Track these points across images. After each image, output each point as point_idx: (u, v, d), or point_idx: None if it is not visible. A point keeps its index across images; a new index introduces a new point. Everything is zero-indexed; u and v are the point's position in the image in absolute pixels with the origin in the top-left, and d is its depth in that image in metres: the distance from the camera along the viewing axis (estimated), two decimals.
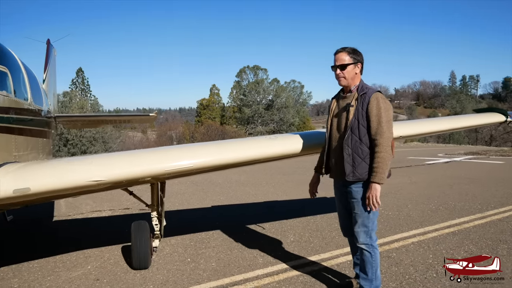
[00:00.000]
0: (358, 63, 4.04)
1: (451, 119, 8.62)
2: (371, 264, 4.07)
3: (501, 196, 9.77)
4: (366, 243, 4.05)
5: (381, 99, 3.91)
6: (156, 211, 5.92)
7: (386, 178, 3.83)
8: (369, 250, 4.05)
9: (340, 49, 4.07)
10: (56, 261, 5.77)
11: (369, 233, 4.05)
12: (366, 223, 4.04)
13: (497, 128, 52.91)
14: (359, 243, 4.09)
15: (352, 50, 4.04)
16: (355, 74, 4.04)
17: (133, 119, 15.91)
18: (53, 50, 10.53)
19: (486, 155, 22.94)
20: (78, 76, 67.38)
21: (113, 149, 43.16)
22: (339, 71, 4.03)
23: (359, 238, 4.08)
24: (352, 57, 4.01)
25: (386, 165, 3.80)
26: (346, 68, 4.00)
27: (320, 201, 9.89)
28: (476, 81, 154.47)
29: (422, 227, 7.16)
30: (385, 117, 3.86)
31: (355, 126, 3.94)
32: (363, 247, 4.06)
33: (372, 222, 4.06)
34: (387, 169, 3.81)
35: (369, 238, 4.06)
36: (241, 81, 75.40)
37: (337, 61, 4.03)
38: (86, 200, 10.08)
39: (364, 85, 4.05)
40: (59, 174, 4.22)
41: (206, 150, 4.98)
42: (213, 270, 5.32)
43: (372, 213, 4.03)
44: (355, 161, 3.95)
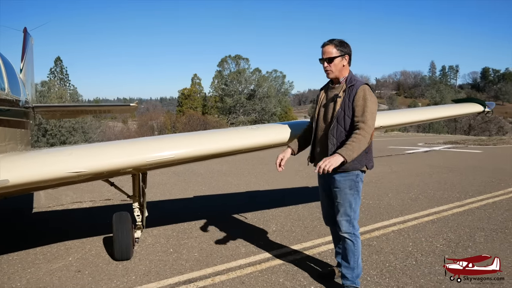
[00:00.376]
0: (345, 55, 4.05)
1: (430, 109, 8.71)
2: (353, 252, 4.11)
3: (479, 185, 9.94)
4: (349, 232, 4.09)
5: (368, 91, 3.95)
6: (138, 202, 5.89)
7: (350, 159, 3.79)
8: (351, 239, 4.10)
9: (327, 42, 4.07)
10: (37, 253, 5.72)
11: (352, 222, 4.10)
12: (348, 212, 4.08)
13: (475, 117, 53.69)
14: (341, 232, 4.13)
15: (339, 42, 4.04)
16: (342, 66, 4.06)
17: (114, 109, 15.68)
18: (30, 38, 10.33)
19: (464, 144, 23.25)
20: (57, 65, 66.44)
21: (93, 139, 42.72)
22: (327, 64, 4.05)
23: (342, 227, 4.12)
24: (339, 50, 4.02)
25: (360, 148, 3.82)
26: (333, 61, 4.01)
27: (301, 190, 9.97)
28: (456, 71, 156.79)
29: (402, 215, 7.26)
30: (370, 108, 3.89)
31: (341, 116, 3.97)
32: (346, 236, 4.11)
33: (354, 212, 4.10)
34: (358, 151, 3.82)
35: (351, 227, 4.10)
36: (222, 70, 75.13)
37: (324, 54, 4.04)
38: (66, 191, 9.98)
39: (353, 77, 4.08)
40: (39, 166, 4.17)
41: (187, 141, 4.96)
42: (196, 260, 5.33)
43: (355, 202, 4.08)
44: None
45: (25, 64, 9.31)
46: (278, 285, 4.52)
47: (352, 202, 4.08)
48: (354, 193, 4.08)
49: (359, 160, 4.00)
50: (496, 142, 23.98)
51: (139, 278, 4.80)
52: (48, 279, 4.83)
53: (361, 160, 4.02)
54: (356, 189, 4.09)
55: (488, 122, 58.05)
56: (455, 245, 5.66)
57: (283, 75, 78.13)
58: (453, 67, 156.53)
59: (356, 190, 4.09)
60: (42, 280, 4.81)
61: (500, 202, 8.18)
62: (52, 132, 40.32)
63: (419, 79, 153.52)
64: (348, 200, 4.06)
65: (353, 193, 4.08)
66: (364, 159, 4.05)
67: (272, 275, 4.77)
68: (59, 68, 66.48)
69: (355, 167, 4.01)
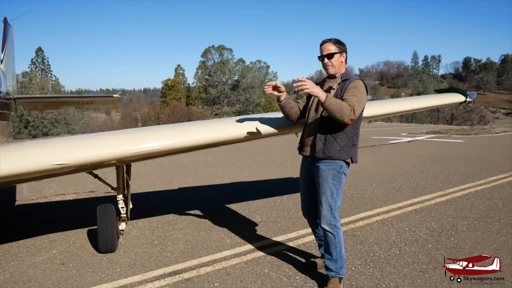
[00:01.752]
0: (343, 52, 4.18)
1: (413, 99, 8.78)
2: (335, 245, 4.14)
3: (461, 174, 10.08)
4: (330, 224, 4.11)
5: (360, 84, 4.05)
6: (122, 194, 5.85)
7: (328, 102, 3.76)
8: (332, 231, 4.12)
9: (326, 40, 4.18)
10: (20, 246, 5.66)
11: (333, 213, 4.13)
12: (330, 202, 4.11)
13: (457, 107, 54.31)
14: (322, 224, 4.16)
15: (336, 40, 4.17)
16: (341, 62, 4.18)
17: (97, 100, 15.52)
18: (10, 29, 10.14)
19: (447, 134, 23.53)
20: (38, 56, 65.33)
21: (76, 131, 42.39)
22: (327, 60, 4.14)
23: (323, 218, 4.15)
24: (338, 47, 4.14)
25: (339, 108, 3.77)
26: (333, 57, 4.12)
27: (286, 181, 10.00)
28: (438, 61, 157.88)
29: (386, 205, 7.33)
30: (359, 97, 3.94)
31: None
32: (326, 227, 4.13)
33: (335, 202, 4.13)
34: (336, 107, 3.76)
35: (332, 218, 4.12)
36: (206, 61, 74.80)
37: (324, 51, 4.15)
38: (49, 183, 9.88)
39: (349, 74, 4.19)
40: (21, 158, 4.10)
41: (171, 132, 4.92)
42: (181, 252, 5.32)
43: (336, 193, 4.12)
44: (327, 139, 4.04)
45: (6, 55, 9.15)
46: (263, 276, 4.55)
47: (334, 192, 4.11)
48: (336, 183, 4.11)
49: (345, 150, 4.05)
50: (478, 132, 24.34)
51: (124, 270, 4.78)
52: (32, 272, 4.79)
53: (348, 151, 4.07)
54: (338, 179, 4.12)
55: (470, 112, 58.78)
56: (438, 234, 5.73)
57: (267, 66, 78.05)
58: (435, 57, 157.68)
59: (338, 180, 4.12)
60: (26, 273, 4.76)
61: (482, 191, 8.31)
62: (34, 124, 39.91)
63: (402, 69, 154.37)
64: (330, 189, 4.10)
65: (335, 183, 4.11)
66: (351, 150, 4.10)
67: (257, 266, 4.79)
68: (41, 58, 65.41)
69: (340, 156, 4.05)
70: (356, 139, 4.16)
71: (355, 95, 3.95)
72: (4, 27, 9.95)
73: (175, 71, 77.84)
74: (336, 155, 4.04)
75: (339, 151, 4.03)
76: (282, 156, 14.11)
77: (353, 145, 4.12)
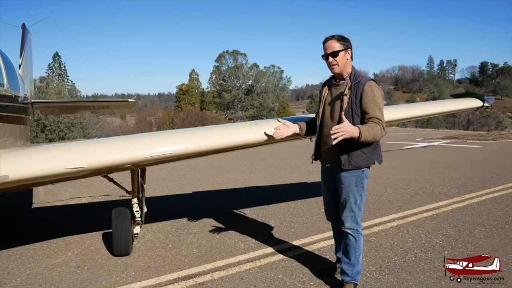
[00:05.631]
0: (348, 49, 3.98)
1: (430, 104, 8.69)
2: (355, 249, 4.10)
3: (478, 180, 9.95)
4: (352, 228, 4.09)
5: (375, 87, 3.89)
6: (137, 198, 5.89)
7: (363, 138, 3.72)
8: (354, 235, 4.09)
9: (328, 37, 3.99)
10: (36, 249, 5.72)
11: (355, 219, 4.09)
12: (354, 209, 4.07)
13: (474, 112, 53.78)
14: (344, 228, 4.12)
15: (340, 37, 3.97)
16: (346, 60, 3.99)
17: (112, 104, 15.67)
18: (28, 34, 10.30)
19: (463, 139, 23.26)
20: (55, 61, 66.27)
21: (92, 135, 42.78)
22: (331, 58, 3.96)
23: (346, 223, 4.11)
24: (342, 44, 3.94)
25: (375, 135, 3.76)
26: (338, 55, 3.94)
27: (300, 186, 9.97)
28: (454, 66, 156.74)
29: (401, 211, 7.26)
30: (379, 105, 3.87)
31: (349, 114, 3.89)
32: (349, 231, 4.10)
33: (359, 208, 4.09)
34: (372, 137, 3.76)
35: (355, 223, 4.09)
36: (220, 66, 75.11)
37: (328, 49, 3.96)
38: (65, 186, 9.97)
39: (357, 73, 4.00)
40: (38, 161, 4.16)
41: (187, 137, 4.94)
42: (195, 256, 5.33)
43: (360, 199, 4.07)
44: (351, 150, 3.93)
45: (24, 60, 9.29)
46: (277, 281, 4.52)
47: (358, 199, 4.06)
48: (360, 189, 4.07)
49: (369, 156, 3.99)
50: (495, 137, 24.00)
51: (138, 274, 4.80)
52: (48, 274, 4.83)
53: (372, 156, 4.02)
54: (361, 185, 4.08)
55: (487, 117, 58.19)
56: (455, 241, 5.66)
57: (281, 70, 78.17)
58: (451, 61, 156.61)
59: (361, 186, 4.08)
60: (42, 275, 4.81)
61: (500, 197, 8.18)
62: (50, 128, 40.37)
63: (417, 73, 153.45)
64: (353, 196, 4.05)
65: (359, 189, 4.06)
66: (374, 154, 4.05)
67: (271, 271, 4.77)
68: (57, 63, 66.30)
69: (367, 164, 4.01)
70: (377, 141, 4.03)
71: (377, 104, 3.83)
72: (23, 33, 10.11)
73: (190, 76, 78.31)
74: (362, 164, 3.99)
75: (365, 159, 3.97)
76: (296, 161, 14.08)
77: (375, 148, 4.04)
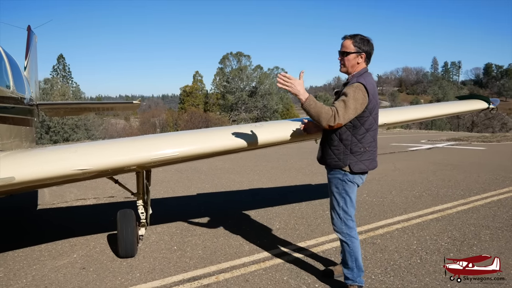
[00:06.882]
0: (362, 53, 3.94)
1: (434, 106, 8.68)
2: (349, 253, 4.07)
3: (483, 182, 9.92)
4: (342, 232, 4.06)
5: (356, 88, 3.77)
6: (142, 199, 5.89)
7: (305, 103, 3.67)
8: (345, 240, 4.06)
9: (347, 36, 4.00)
10: (42, 250, 5.73)
11: (343, 221, 4.05)
12: (338, 211, 4.06)
13: (478, 114, 53.59)
14: (334, 231, 4.15)
15: (360, 39, 3.95)
16: (356, 63, 3.96)
17: (117, 106, 15.65)
18: (34, 36, 10.33)
19: (468, 141, 23.20)
20: (59, 63, 66.51)
21: (96, 136, 42.85)
22: (340, 57, 4.01)
23: (334, 225, 4.13)
24: (356, 47, 3.92)
25: (318, 112, 3.65)
26: (347, 56, 3.95)
27: (305, 188, 9.96)
28: (458, 67, 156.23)
29: (406, 213, 7.24)
30: (349, 102, 3.70)
31: None
32: (339, 236, 4.10)
33: (345, 211, 4.04)
34: (314, 111, 3.65)
35: (343, 226, 4.06)
36: (224, 67, 75.24)
37: (342, 48, 4.00)
38: (70, 188, 9.99)
39: (357, 75, 3.94)
40: (44, 163, 4.16)
41: (191, 138, 4.95)
42: (200, 258, 5.33)
43: (343, 202, 4.02)
44: (324, 147, 4.07)
45: (29, 62, 9.32)
46: (282, 283, 4.52)
47: (340, 201, 4.03)
48: (342, 192, 4.01)
49: (340, 158, 3.94)
50: (500, 139, 23.93)
51: (143, 275, 4.80)
52: (53, 275, 4.84)
53: (344, 159, 3.92)
54: (342, 188, 4.01)
55: (492, 119, 57.93)
56: (460, 244, 5.64)
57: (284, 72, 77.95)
58: (455, 63, 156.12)
59: (343, 189, 4.01)
60: (47, 276, 4.82)
61: (505, 199, 8.16)
62: (55, 129, 40.49)
63: (421, 75, 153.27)
64: (335, 197, 4.07)
65: (340, 192, 4.02)
66: (348, 158, 3.92)
67: (276, 273, 4.77)
68: (62, 65, 66.52)
69: (336, 165, 3.98)
70: (358, 146, 3.91)
71: (344, 99, 3.72)
72: (28, 35, 10.14)
73: (194, 77, 78.48)
74: (331, 164, 4.00)
75: (333, 159, 3.97)
76: (300, 163, 14.08)
77: (352, 153, 3.91)
